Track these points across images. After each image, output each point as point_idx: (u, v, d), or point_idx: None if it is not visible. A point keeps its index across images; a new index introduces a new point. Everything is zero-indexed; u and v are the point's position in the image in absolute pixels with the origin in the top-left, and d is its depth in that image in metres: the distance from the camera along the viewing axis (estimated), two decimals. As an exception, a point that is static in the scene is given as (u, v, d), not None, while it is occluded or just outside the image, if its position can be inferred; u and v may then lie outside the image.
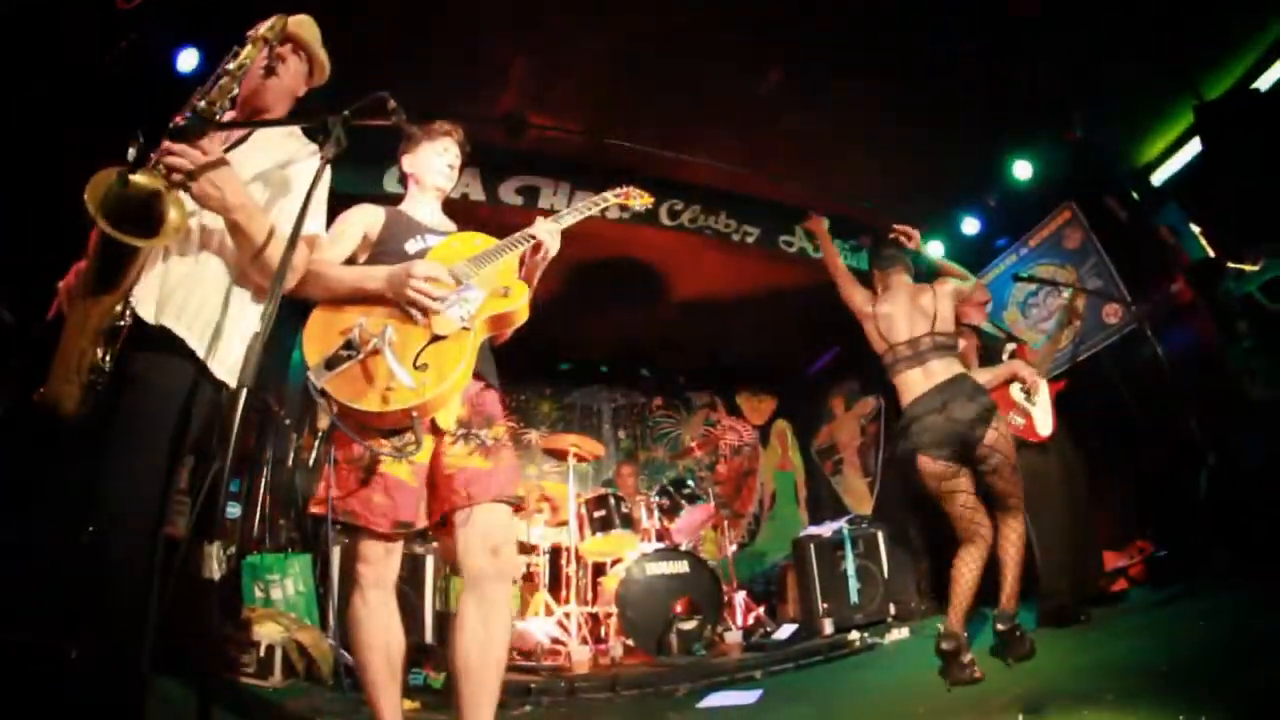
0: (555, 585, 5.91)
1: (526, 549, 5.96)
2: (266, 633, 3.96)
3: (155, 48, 4.13)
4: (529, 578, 5.99)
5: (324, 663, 3.95)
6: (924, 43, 5.61)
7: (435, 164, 2.84)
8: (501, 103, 5.70)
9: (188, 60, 4.40)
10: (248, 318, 2.18)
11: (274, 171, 2.31)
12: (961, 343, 4.04)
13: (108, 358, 1.90)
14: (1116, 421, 6.21)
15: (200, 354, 2.01)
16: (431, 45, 5.10)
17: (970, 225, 7.58)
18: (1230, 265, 7.20)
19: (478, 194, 5.98)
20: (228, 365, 2.07)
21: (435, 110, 3.05)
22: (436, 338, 2.27)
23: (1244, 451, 5.08)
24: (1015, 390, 4.91)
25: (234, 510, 4.87)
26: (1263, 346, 7.01)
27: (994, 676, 3.36)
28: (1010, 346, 5.22)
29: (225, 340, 2.07)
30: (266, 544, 5.06)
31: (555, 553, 6.02)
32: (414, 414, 2.14)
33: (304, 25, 2.56)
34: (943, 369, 3.84)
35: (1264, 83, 6.28)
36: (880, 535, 6.24)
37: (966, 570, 3.75)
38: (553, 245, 2.61)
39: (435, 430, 2.32)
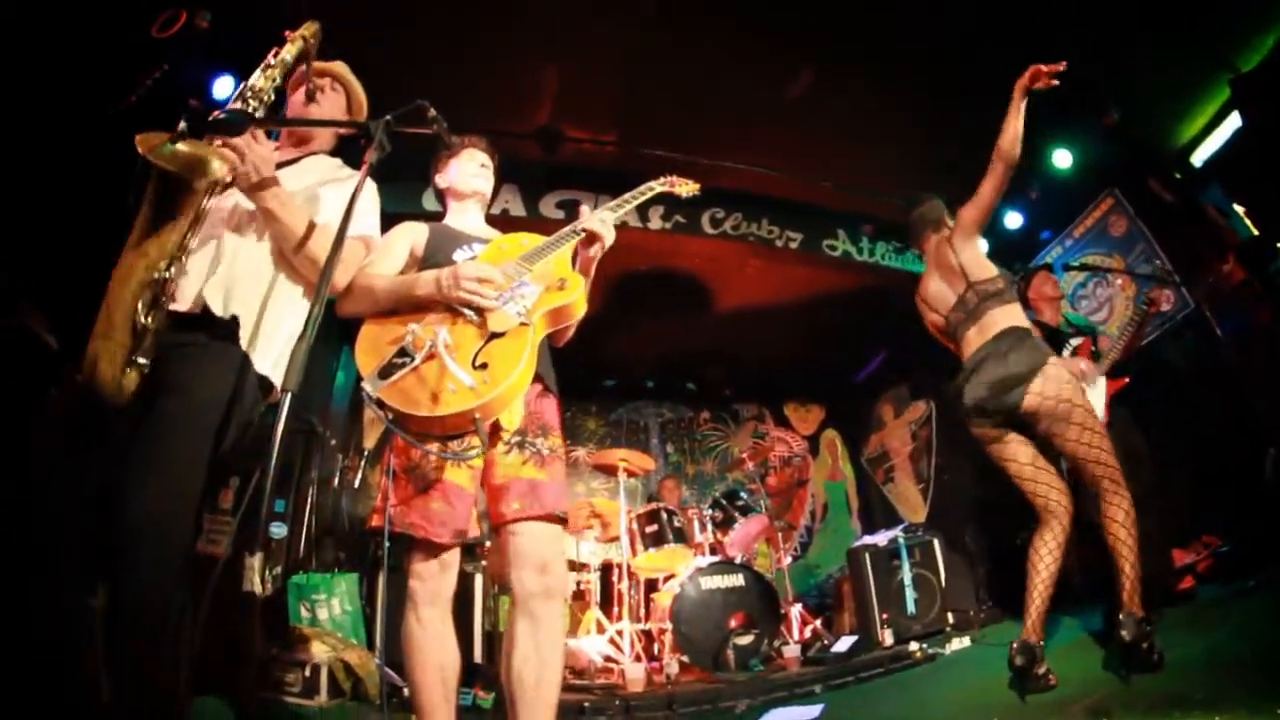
0: (607, 602, 5.84)
1: (577, 566, 5.92)
2: (313, 652, 3.94)
3: (191, 75, 4.17)
4: (580, 595, 5.93)
5: (370, 682, 3.93)
6: (955, 38, 5.55)
7: (468, 169, 2.85)
8: (536, 117, 5.71)
9: (223, 87, 4.45)
10: (295, 315, 2.21)
11: (318, 190, 2.36)
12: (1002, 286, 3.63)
13: (150, 318, 1.88)
14: (1176, 411, 6.00)
15: (256, 345, 2.06)
16: (465, 61, 5.13)
17: (1013, 219, 7.45)
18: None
19: (518, 210, 6.01)
20: (270, 362, 2.11)
21: (470, 126, 3.03)
22: (494, 335, 2.22)
23: None
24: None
25: (280, 530, 4.86)
26: None
27: (1067, 680, 3.19)
28: (1074, 341, 5.07)
29: (268, 338, 2.11)
30: (313, 564, 5.06)
31: (606, 569, 5.96)
32: (476, 415, 2.08)
33: (340, 66, 2.67)
34: (1001, 318, 3.57)
35: None
36: (936, 543, 6.07)
37: (1036, 558, 3.43)
38: (606, 234, 2.54)
39: (495, 435, 2.27)
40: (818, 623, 6.28)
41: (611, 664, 5.18)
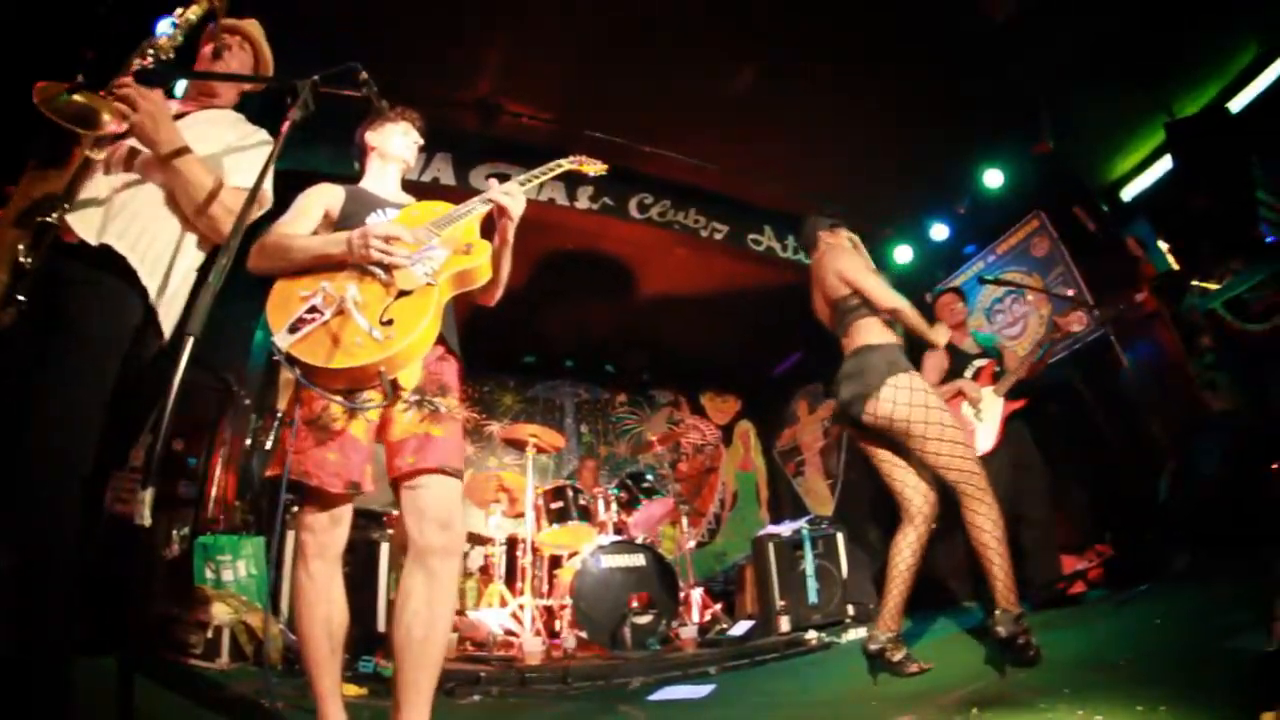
0: (511, 577, 5.88)
1: (483, 540, 5.93)
2: (215, 614, 3.89)
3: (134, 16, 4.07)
4: (485, 569, 5.95)
5: (272, 646, 3.89)
6: (899, 50, 5.67)
7: (399, 140, 2.87)
8: (477, 88, 5.68)
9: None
10: (189, 259, 2.29)
11: (216, 155, 2.36)
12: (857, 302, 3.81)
13: (31, 259, 1.90)
14: (1079, 429, 6.28)
15: (142, 279, 2.09)
16: (410, 25, 5.06)
17: (940, 231, 7.66)
18: (1195, 282, 7.35)
19: (449, 179, 5.96)
20: (166, 302, 2.17)
21: (409, 90, 3.03)
22: (401, 294, 2.28)
23: (1202, 458, 5.17)
24: (965, 408, 5.05)
25: (189, 493, 4.80)
26: (1224, 361, 7.19)
27: (949, 672, 3.39)
28: (977, 363, 5.29)
29: (161, 279, 2.17)
30: (221, 525, 4.99)
31: (512, 544, 5.99)
32: (380, 368, 2.15)
33: (251, 24, 2.67)
34: (859, 332, 3.78)
35: (1236, 105, 6.42)
36: (840, 536, 6.24)
37: (894, 554, 3.66)
38: (513, 205, 2.60)
39: (395, 392, 2.30)
40: (719, 608, 6.40)
41: (511, 637, 5.22)
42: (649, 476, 6.81)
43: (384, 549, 4.85)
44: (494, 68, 5.57)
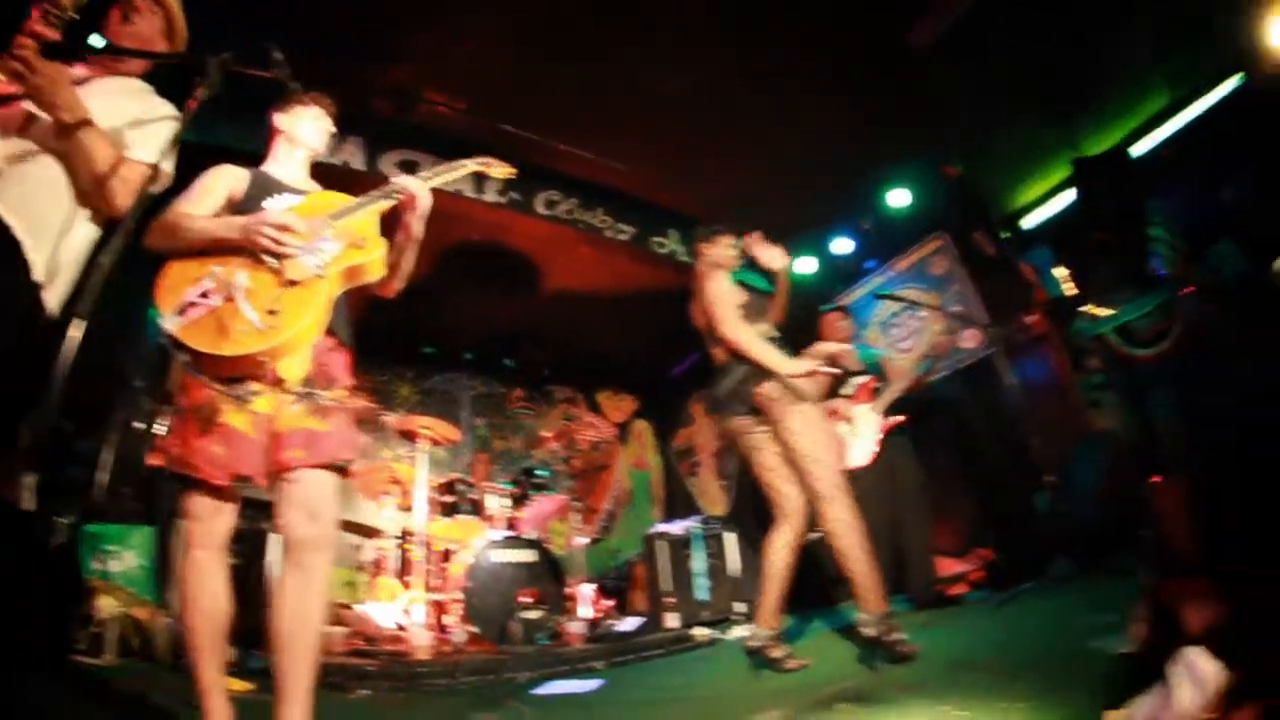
0: (401, 570, 5.81)
1: (374, 533, 5.83)
2: (101, 608, 3.74)
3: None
4: (376, 562, 5.85)
5: (160, 640, 3.78)
6: (819, 66, 5.82)
7: (309, 125, 2.81)
8: (392, 74, 5.59)
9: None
10: (82, 233, 2.23)
11: (119, 128, 2.28)
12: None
13: None
14: (964, 440, 6.56)
15: (28, 252, 2.04)
16: (330, 4, 4.95)
17: (844, 245, 7.90)
18: (1087, 308, 7.79)
19: (359, 163, 5.83)
20: (54, 277, 2.12)
21: (325, 70, 2.98)
22: (291, 284, 2.27)
23: (1083, 471, 5.48)
24: (840, 425, 5.31)
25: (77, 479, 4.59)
26: (1112, 382, 7.65)
27: (825, 668, 3.56)
28: (856, 380, 5.50)
29: (55, 250, 2.11)
30: (109, 514, 4.79)
31: (403, 537, 5.92)
32: (263, 358, 2.15)
33: None
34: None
35: (1145, 145, 6.84)
36: (731, 536, 6.38)
37: (770, 553, 3.80)
38: (421, 198, 2.62)
39: (279, 384, 2.28)
40: (611, 604, 6.45)
41: (401, 631, 5.16)
42: (542, 472, 6.82)
43: (272, 540, 4.75)
44: (413, 54, 5.47)
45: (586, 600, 6.07)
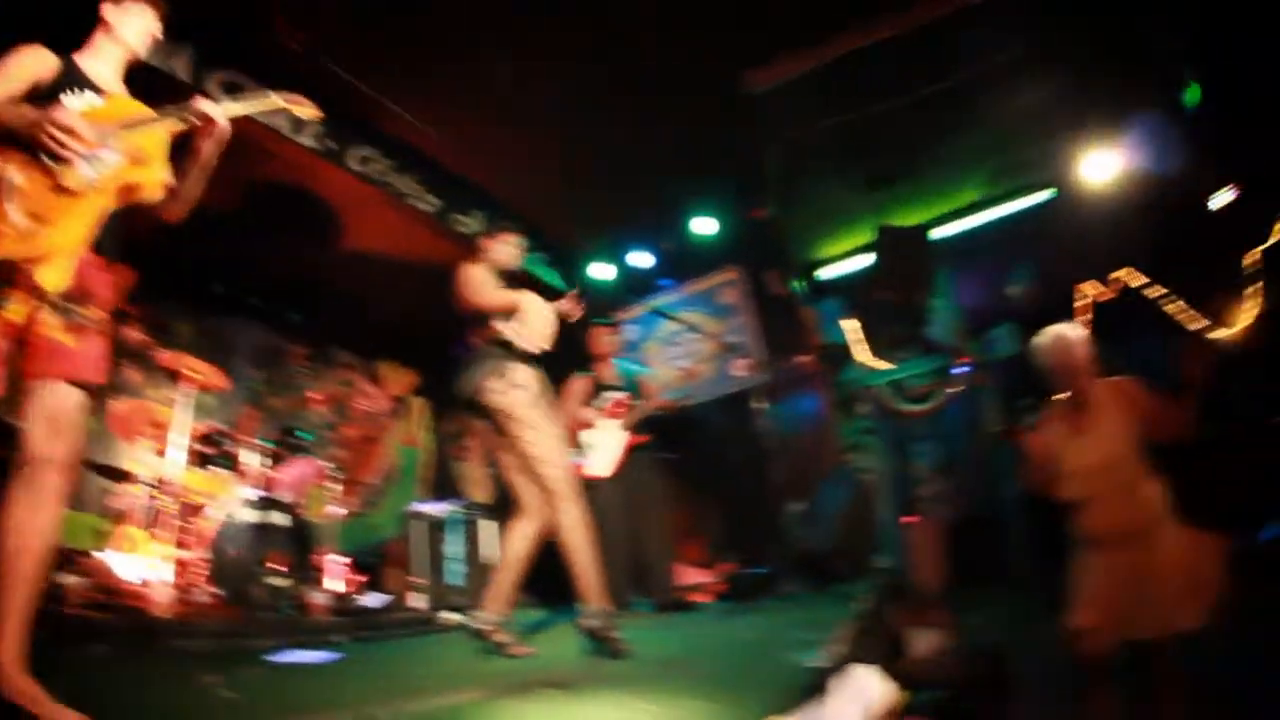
0: (149, 521, 5.45)
1: (125, 476, 5.43)
2: None
3: None
4: (122, 509, 5.46)
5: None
6: (657, 90, 6.03)
7: (135, 24, 2.69)
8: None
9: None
10: None
11: None
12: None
13: None
14: (726, 462, 6.99)
15: None
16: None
17: (643, 259, 8.21)
18: (866, 361, 8.58)
19: (184, 74, 5.42)
20: None
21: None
22: (62, 190, 2.22)
23: (828, 502, 6.00)
24: (582, 434, 5.72)
25: None
26: (877, 430, 8.50)
27: (548, 657, 3.85)
28: (609, 395, 5.98)
29: None
30: None
31: (155, 485, 5.57)
32: (20, 263, 2.12)
33: None
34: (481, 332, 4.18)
35: (944, 231, 7.62)
36: (489, 524, 6.46)
37: (507, 542, 4.01)
38: (220, 125, 2.60)
39: (35, 292, 2.22)
40: (363, 580, 6.34)
41: (143, 586, 4.87)
42: (304, 435, 6.63)
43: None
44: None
45: (336, 572, 5.96)
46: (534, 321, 4.20)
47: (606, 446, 5.80)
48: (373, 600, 6.06)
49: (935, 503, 12.30)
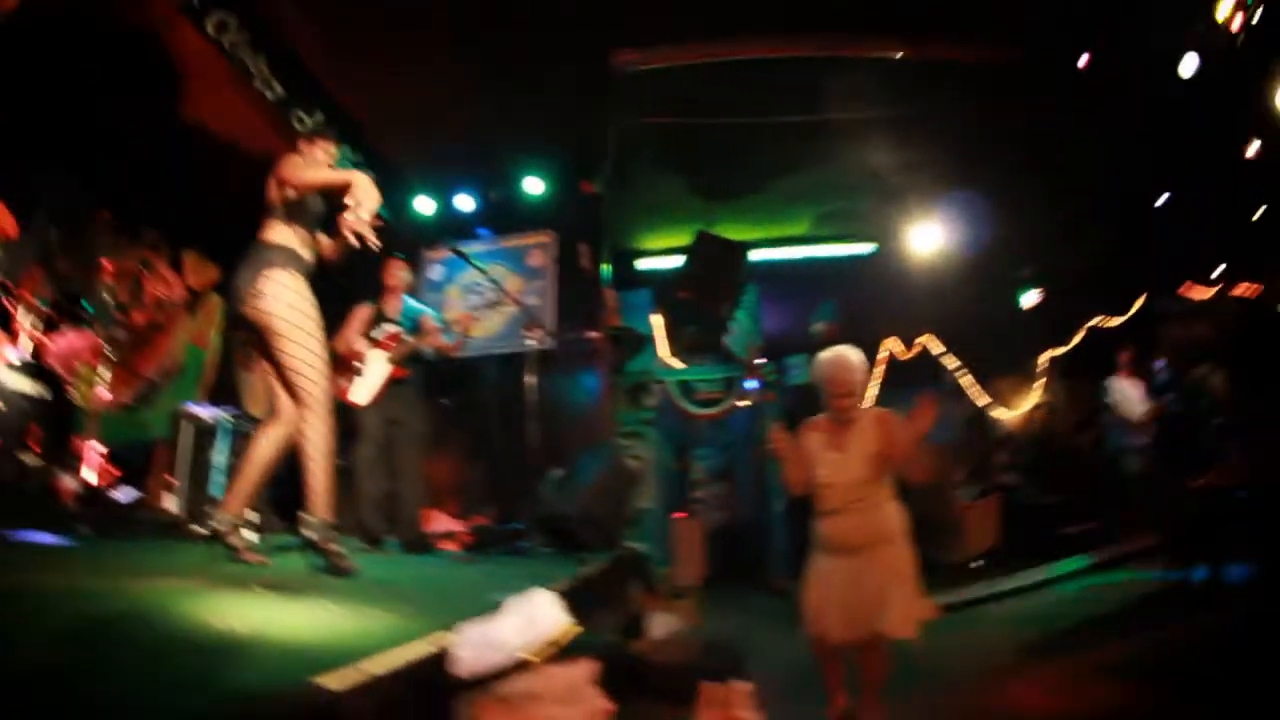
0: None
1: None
2: None
3: None
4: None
5: None
6: (529, 50, 6.06)
7: None
8: None
9: None
10: None
11: None
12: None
13: None
14: (498, 420, 7.14)
15: None
16: None
17: (466, 202, 8.37)
18: (663, 355, 8.93)
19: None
20: None
21: None
22: None
23: (585, 473, 6.20)
24: (355, 363, 5.88)
25: None
26: (659, 422, 8.95)
27: (282, 568, 3.92)
28: (388, 328, 6.10)
29: None
30: None
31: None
32: None
33: None
34: (262, 230, 4.05)
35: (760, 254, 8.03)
36: (258, 437, 6.29)
37: (254, 445, 4.02)
38: None
39: None
40: (117, 473, 6.05)
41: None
42: (89, 308, 6.25)
43: None
44: None
45: (93, 461, 5.73)
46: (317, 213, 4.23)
47: (370, 376, 5.91)
48: (124, 495, 5.81)
49: (707, 505, 12.96)
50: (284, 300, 3.80)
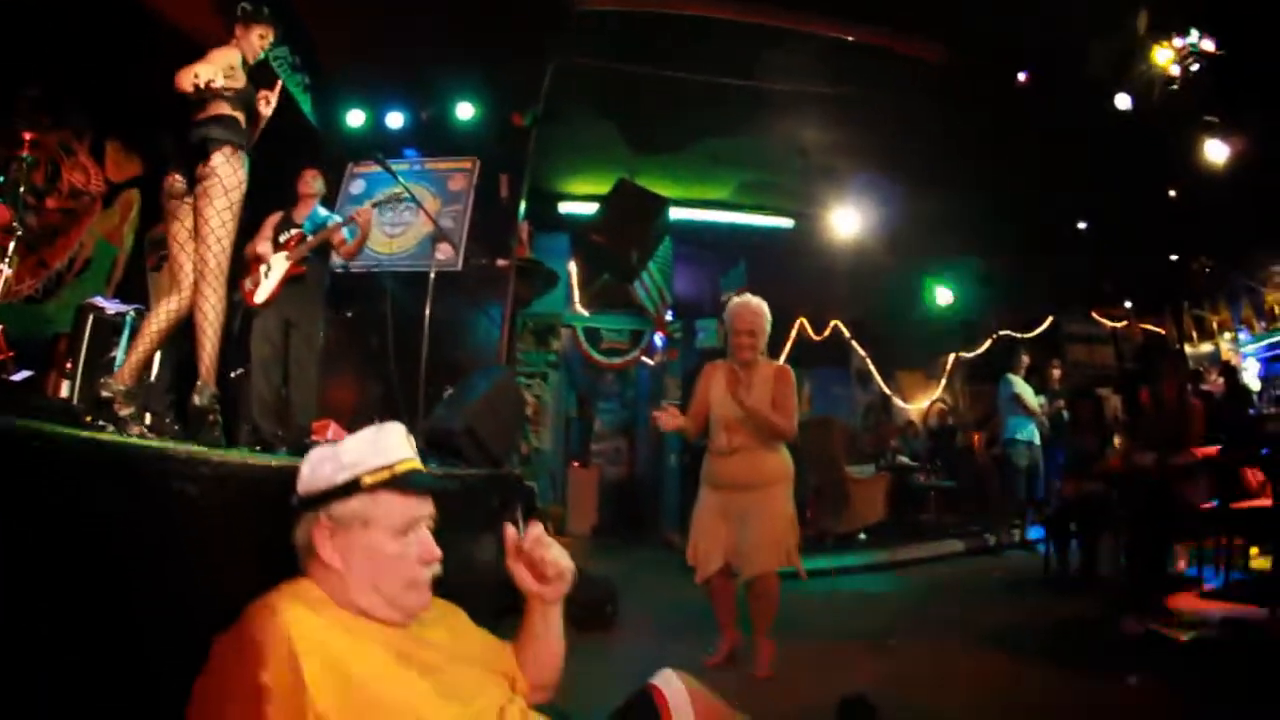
0: None
1: None
2: None
3: None
4: None
5: None
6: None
7: None
8: None
9: None
10: None
11: None
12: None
13: None
14: (395, 336, 7.22)
15: None
16: None
17: (395, 120, 8.36)
18: (576, 300, 9.00)
19: None
20: None
21: None
22: None
23: (471, 395, 6.25)
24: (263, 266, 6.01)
25: None
26: (560, 366, 9.04)
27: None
28: (291, 230, 6.28)
29: None
30: None
31: None
32: None
33: None
34: (206, 108, 4.21)
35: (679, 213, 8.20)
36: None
37: (151, 316, 4.20)
38: None
39: None
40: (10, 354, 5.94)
41: None
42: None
43: None
44: None
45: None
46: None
47: (271, 276, 6.02)
48: (18, 376, 5.73)
49: (605, 457, 13.20)
50: (219, 172, 4.00)
